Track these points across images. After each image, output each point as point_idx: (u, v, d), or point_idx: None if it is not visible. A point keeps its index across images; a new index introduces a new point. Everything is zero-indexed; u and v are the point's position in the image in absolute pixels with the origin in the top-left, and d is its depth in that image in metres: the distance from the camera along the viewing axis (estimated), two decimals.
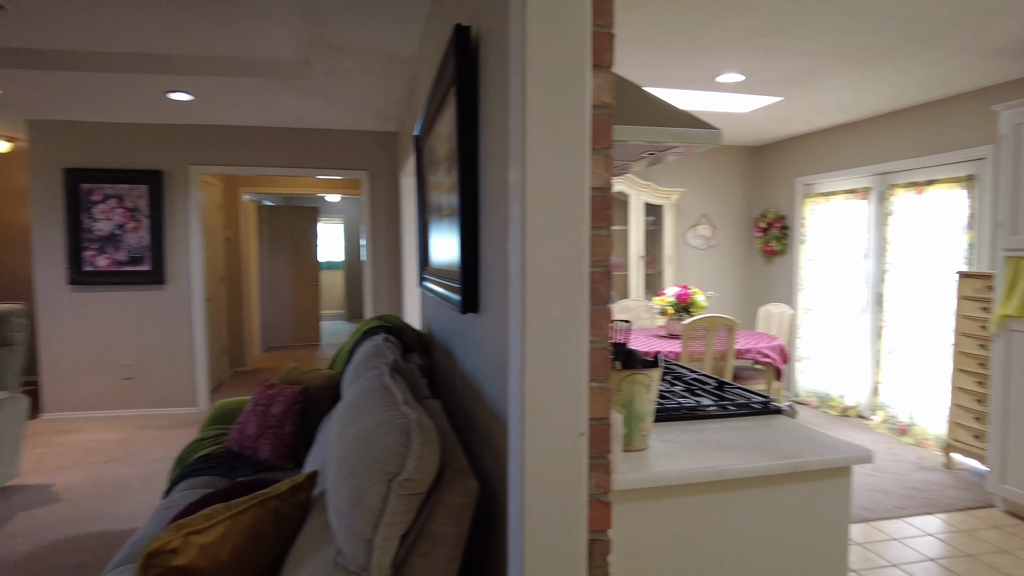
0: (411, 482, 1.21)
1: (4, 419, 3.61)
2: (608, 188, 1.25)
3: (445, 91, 1.94)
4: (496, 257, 1.44)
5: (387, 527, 1.20)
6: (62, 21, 3.46)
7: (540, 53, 1.15)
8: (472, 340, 1.80)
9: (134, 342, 5.52)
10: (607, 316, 1.26)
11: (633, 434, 1.54)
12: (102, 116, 5.22)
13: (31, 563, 2.89)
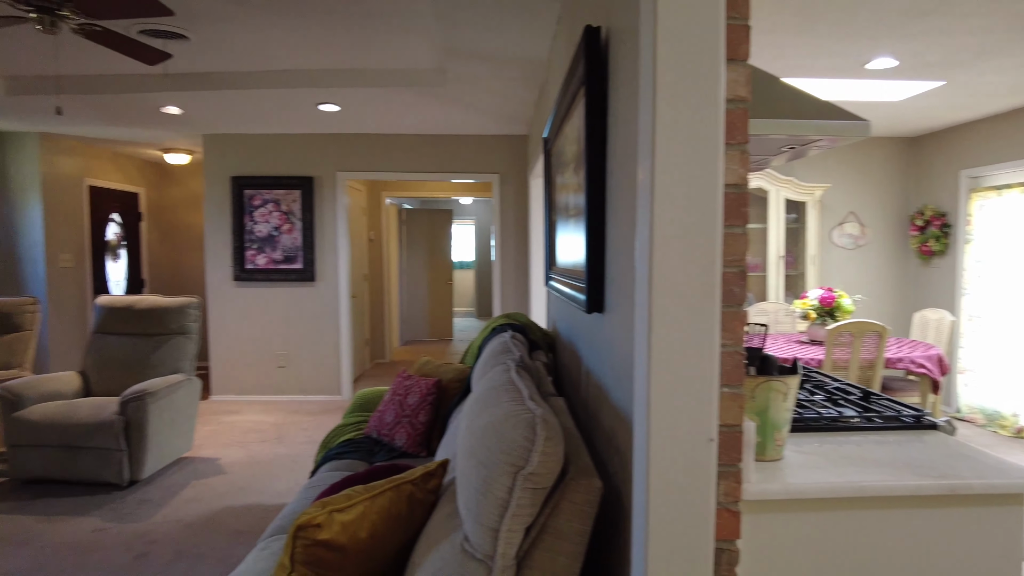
0: (536, 476, 1.24)
1: (182, 399, 4.09)
2: (743, 184, 1.21)
3: (575, 92, 1.96)
4: (622, 256, 1.43)
5: (512, 518, 1.23)
6: (231, 46, 3.86)
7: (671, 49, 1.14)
8: (597, 339, 1.80)
9: (287, 334, 6.04)
10: (741, 319, 1.21)
11: (767, 443, 1.47)
12: (262, 128, 5.76)
13: (201, 525, 3.25)
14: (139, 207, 7.39)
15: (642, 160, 1.20)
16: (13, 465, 3.74)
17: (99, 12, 2.76)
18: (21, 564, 2.87)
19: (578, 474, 1.33)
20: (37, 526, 3.25)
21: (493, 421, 1.38)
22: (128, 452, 3.69)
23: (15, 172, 5.93)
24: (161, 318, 4.31)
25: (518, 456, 1.24)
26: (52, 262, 6.03)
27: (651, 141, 1.15)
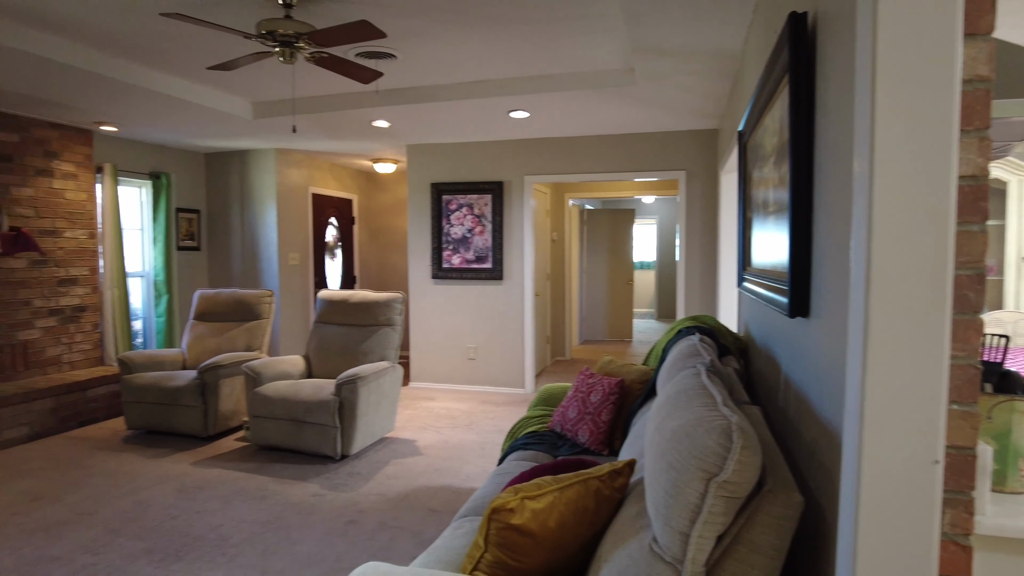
0: (730, 484, 1.19)
1: (387, 384, 4.51)
2: (984, 176, 1.06)
3: (776, 82, 1.85)
4: (831, 256, 1.33)
5: (704, 525, 1.20)
6: (432, 62, 4.17)
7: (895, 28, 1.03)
8: (800, 345, 1.69)
9: (477, 328, 6.39)
10: (977, 328, 1.07)
11: (1008, 472, 1.28)
12: (458, 138, 6.15)
13: (400, 501, 3.56)
14: (352, 212, 8.27)
15: (859, 150, 1.10)
16: (254, 432, 4.38)
17: (328, 41, 3.13)
18: (260, 515, 3.36)
19: (776, 486, 1.26)
20: (271, 485, 3.79)
21: (684, 425, 1.36)
22: (341, 429, 4.15)
23: (257, 184, 6.93)
24: (371, 311, 4.79)
25: (711, 462, 1.21)
26: (283, 260, 6.96)
27: (870, 129, 1.05)
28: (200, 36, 3.70)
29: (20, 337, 5.09)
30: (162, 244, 6.41)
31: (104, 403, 5.32)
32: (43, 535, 3.15)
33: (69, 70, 3.92)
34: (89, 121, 5.39)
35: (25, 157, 5.14)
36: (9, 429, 4.59)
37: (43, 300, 5.27)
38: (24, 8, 3.28)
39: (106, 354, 5.81)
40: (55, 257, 5.37)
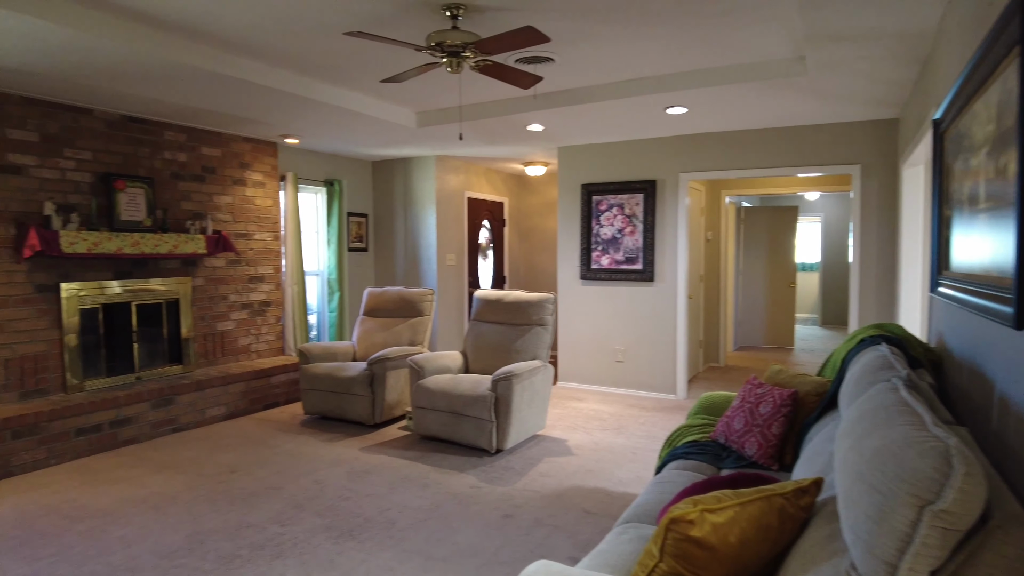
0: (949, 515, 1.07)
1: (539, 382, 4.58)
2: None
3: (995, 62, 1.63)
4: None
5: (915, 557, 1.09)
6: (589, 63, 4.17)
7: None
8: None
9: (626, 331, 6.30)
10: None
11: None
12: (610, 137, 6.10)
13: (554, 498, 3.60)
14: (503, 214, 8.49)
15: None
16: (416, 422, 4.64)
17: (493, 49, 3.23)
18: (423, 503, 3.55)
19: (1008, 522, 1.11)
20: (432, 475, 3.99)
21: (888, 444, 1.24)
22: (496, 424, 4.27)
23: (419, 189, 7.33)
24: (524, 310, 4.89)
25: (925, 488, 1.09)
26: (441, 261, 7.30)
27: None
28: (372, 52, 3.98)
29: (219, 328, 5.78)
30: (335, 245, 6.98)
31: (284, 389, 5.89)
32: (241, 503, 3.55)
33: (263, 90, 4.38)
34: (276, 135, 6.00)
35: (225, 169, 5.83)
36: (211, 408, 5.23)
37: (237, 295, 5.95)
38: (230, 37, 3.71)
39: (286, 345, 6.43)
40: (247, 257, 6.04)
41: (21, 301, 4.42)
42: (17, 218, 4.39)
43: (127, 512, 3.45)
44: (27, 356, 4.45)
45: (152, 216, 5.10)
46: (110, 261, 4.91)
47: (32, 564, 2.88)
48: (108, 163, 4.92)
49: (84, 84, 4.17)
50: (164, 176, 5.31)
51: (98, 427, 4.48)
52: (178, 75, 4.02)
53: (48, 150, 4.56)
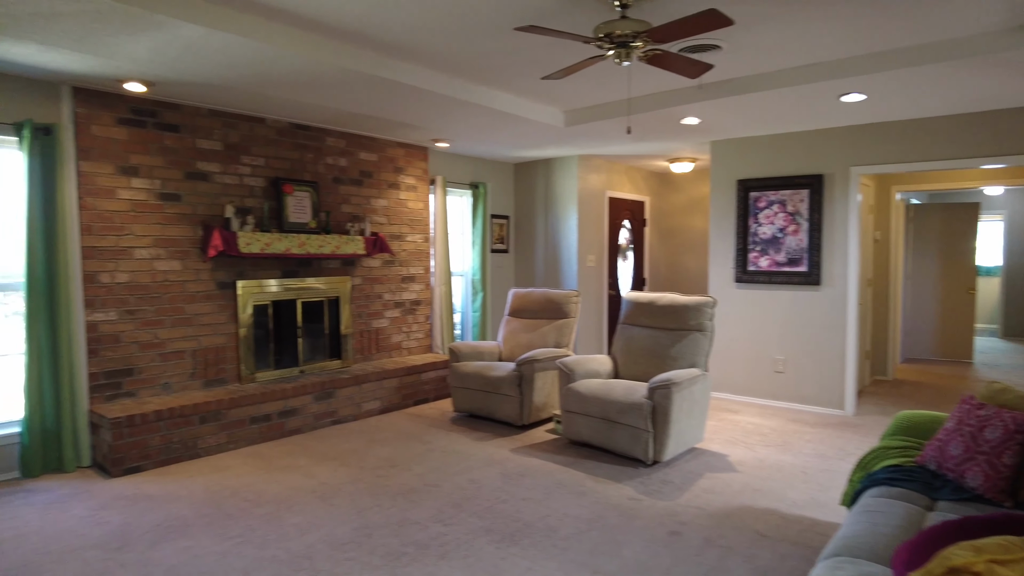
0: None
1: (698, 392, 4.32)
2: None
3: None
4: None
5: None
6: (758, 49, 3.86)
7: None
8: None
9: (786, 338, 5.84)
10: None
11: None
12: (771, 129, 5.68)
13: (722, 517, 3.34)
14: (644, 214, 8.22)
15: None
16: (565, 426, 4.54)
17: (668, 36, 3.05)
18: (581, 511, 3.43)
19: None
20: (588, 482, 3.86)
21: None
22: (653, 434, 4.07)
23: (560, 189, 7.25)
24: (680, 315, 4.64)
25: None
26: (581, 262, 7.18)
27: None
28: (528, 51, 3.93)
29: (374, 325, 6.01)
30: (479, 247, 7.07)
31: (433, 386, 6.02)
32: (402, 499, 3.61)
33: (422, 93, 4.47)
34: (428, 139, 6.15)
35: (380, 173, 6.05)
36: (367, 402, 5.44)
37: (391, 294, 6.16)
38: (394, 42, 3.80)
39: (434, 343, 6.58)
40: (400, 258, 6.24)
41: (205, 297, 4.81)
42: (204, 220, 4.78)
43: (299, 500, 3.61)
44: (210, 348, 4.84)
45: (316, 218, 5.39)
46: (279, 261, 5.24)
47: (223, 543, 3.07)
48: (278, 168, 5.25)
49: (260, 94, 4.46)
50: (327, 180, 5.60)
51: (268, 416, 4.78)
52: (344, 81, 4.18)
53: (229, 158, 4.94)
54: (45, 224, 4.03)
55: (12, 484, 3.92)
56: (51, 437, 4.09)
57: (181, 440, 4.29)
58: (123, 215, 4.39)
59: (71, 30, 3.24)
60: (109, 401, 4.34)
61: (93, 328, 4.27)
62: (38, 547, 3.06)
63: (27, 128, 3.92)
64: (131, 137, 4.42)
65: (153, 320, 4.54)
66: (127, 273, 4.41)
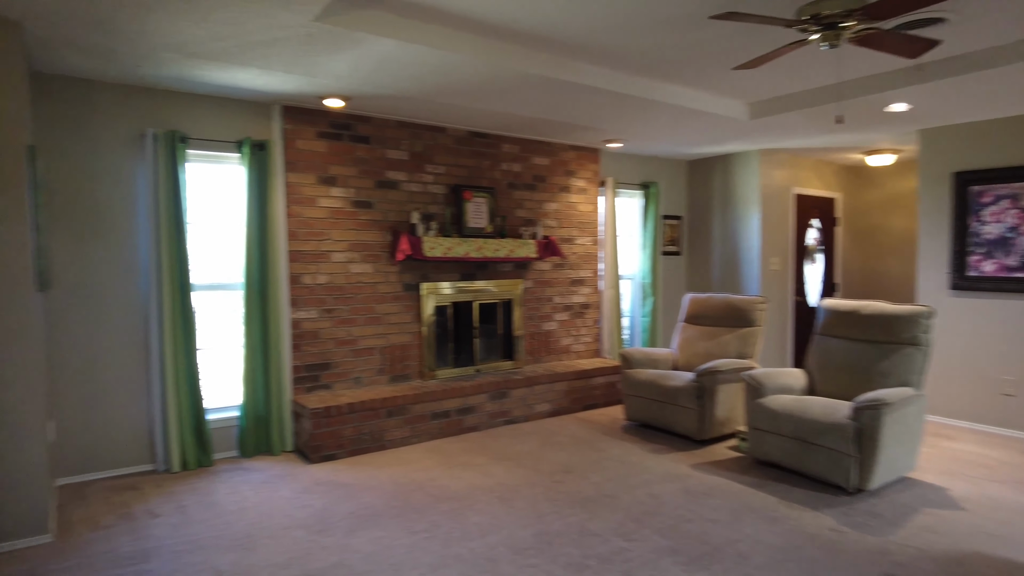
0: None
1: (911, 415, 3.80)
2: None
3: None
4: None
5: None
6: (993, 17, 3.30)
7: None
8: None
9: (1017, 356, 4.98)
10: None
11: None
12: (999, 112, 4.87)
13: (952, 564, 2.87)
14: (834, 212, 7.48)
15: None
16: (752, 444, 4.21)
17: (887, 13, 2.69)
18: (775, 539, 3.13)
19: None
20: (780, 507, 3.53)
21: None
22: (858, 459, 3.63)
23: (739, 187, 6.81)
24: (890, 326, 4.11)
25: None
26: (764, 265, 6.68)
27: None
28: (712, 42, 3.67)
29: (544, 328, 6.03)
30: (649, 249, 6.84)
31: (603, 391, 5.90)
32: (580, 508, 3.54)
33: (599, 93, 4.38)
34: (599, 141, 6.06)
35: (552, 177, 6.06)
36: (539, 404, 5.46)
37: (560, 297, 6.15)
38: (573, 42, 3.74)
39: (602, 347, 6.47)
40: (569, 261, 6.21)
41: (393, 298, 5.10)
42: (393, 226, 5.08)
43: (479, 499, 3.67)
44: (396, 345, 5.12)
45: (492, 223, 5.51)
46: (458, 264, 5.43)
47: (411, 536, 3.20)
48: (458, 175, 5.44)
49: (442, 104, 4.63)
50: (502, 186, 5.71)
51: (447, 413, 4.95)
52: (522, 85, 4.21)
53: (414, 166, 5.20)
54: (260, 231, 4.48)
55: (232, 461, 4.40)
56: (262, 422, 4.55)
57: (370, 432, 4.58)
58: (323, 221, 4.78)
59: (284, 54, 3.56)
60: (309, 392, 4.74)
61: (297, 325, 4.68)
62: (255, 522, 3.39)
63: (246, 145, 4.39)
64: (330, 149, 4.80)
65: (347, 319, 4.90)
66: (326, 275, 4.79)
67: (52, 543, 3.16)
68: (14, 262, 3.08)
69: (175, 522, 3.39)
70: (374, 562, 2.94)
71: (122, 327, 4.12)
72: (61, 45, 3.38)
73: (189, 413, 4.24)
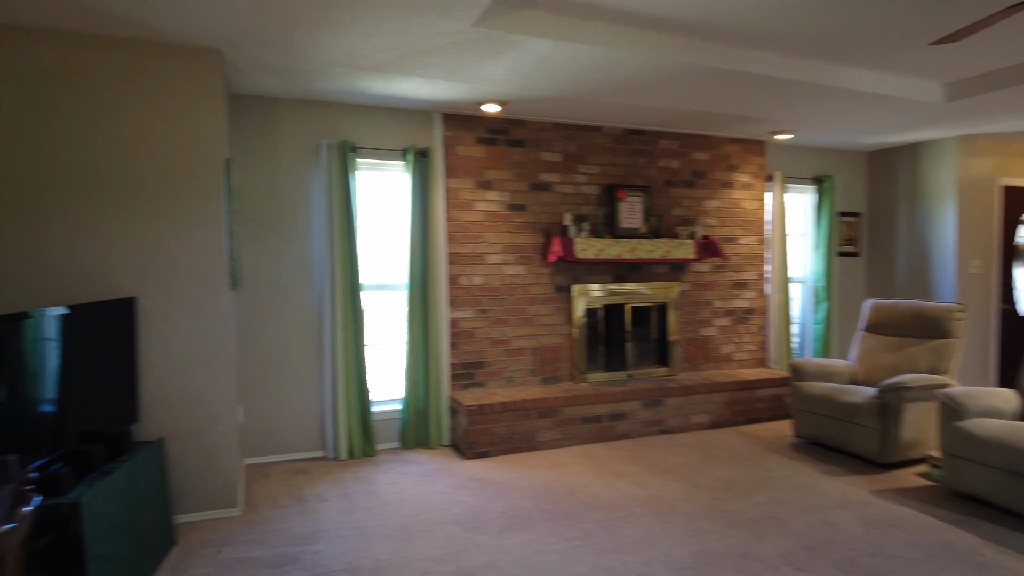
0: None
1: None
2: None
3: None
4: None
5: None
6: None
7: None
8: None
9: None
10: None
11: None
12: None
13: None
14: None
15: None
16: (947, 474, 3.67)
17: None
18: None
19: None
20: (986, 551, 3.03)
21: None
22: None
23: (930, 179, 6.02)
24: None
25: None
26: (961, 268, 5.85)
27: None
28: (898, 18, 3.23)
29: (702, 333, 5.72)
30: (823, 249, 6.26)
31: (768, 404, 5.48)
32: (743, 529, 3.28)
33: (769, 82, 4.05)
34: (765, 132, 5.63)
35: (713, 173, 5.74)
36: (695, 414, 5.19)
37: (720, 301, 5.80)
38: (740, 30, 3.47)
39: (768, 357, 6.01)
40: (731, 262, 5.84)
41: (544, 299, 5.10)
42: (545, 228, 5.07)
43: (633, 511, 3.54)
44: (547, 347, 5.11)
45: (647, 223, 5.32)
46: (610, 266, 5.31)
47: (563, 543, 3.14)
48: (612, 175, 5.31)
49: (598, 102, 4.53)
50: (658, 184, 5.50)
51: (599, 418, 4.85)
52: (684, 77, 4.00)
53: (567, 167, 5.15)
54: (422, 234, 4.67)
55: (393, 452, 4.63)
56: (421, 416, 4.74)
57: (522, 432, 4.60)
58: (479, 225, 4.88)
59: (444, 61, 3.67)
60: (464, 389, 4.86)
61: (454, 324, 4.82)
62: (412, 514, 3.51)
63: (410, 153, 4.59)
64: (487, 154, 4.89)
65: (501, 319, 4.97)
66: (481, 276, 4.90)
67: (240, 516, 3.50)
68: (213, 263, 3.44)
69: (341, 507, 3.61)
70: (525, 566, 2.92)
71: (299, 323, 4.49)
72: (250, 67, 3.74)
73: (356, 405, 4.51)
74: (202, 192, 3.40)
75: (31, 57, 3.09)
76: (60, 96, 3.14)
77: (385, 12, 2.99)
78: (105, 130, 3.22)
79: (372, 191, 4.80)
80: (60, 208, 3.15)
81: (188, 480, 3.44)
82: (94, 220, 3.21)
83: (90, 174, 3.20)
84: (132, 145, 3.27)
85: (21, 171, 3.08)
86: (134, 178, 3.28)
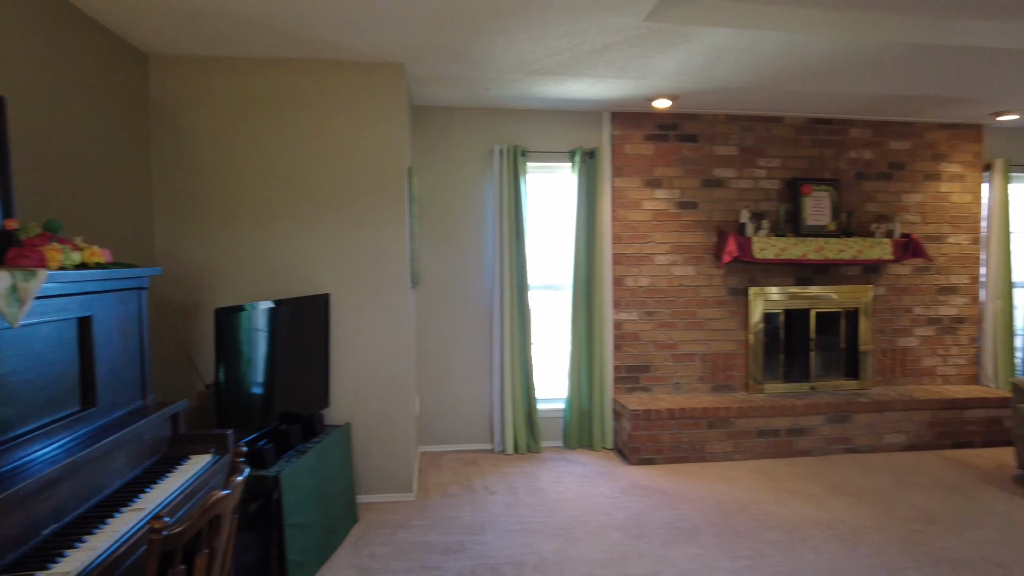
0: None
1: None
2: None
3: None
4: None
5: None
6: None
7: None
8: None
9: None
10: None
11: None
12: None
13: None
14: None
15: None
16: None
17: None
18: None
19: None
20: None
21: None
22: None
23: None
24: None
25: None
26: None
27: None
28: None
29: (900, 344, 5.11)
30: None
31: (981, 427, 4.75)
32: (951, 570, 2.87)
33: (988, 54, 3.50)
34: (984, 114, 4.89)
35: (914, 163, 5.09)
36: (889, 434, 4.64)
37: (922, 308, 5.14)
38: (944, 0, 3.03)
39: (982, 372, 5.22)
40: (937, 264, 5.15)
41: (716, 302, 4.85)
42: (718, 227, 4.83)
43: (812, 534, 3.24)
44: (719, 353, 4.86)
45: (836, 220, 4.85)
46: (792, 267, 4.91)
47: (732, 561, 2.97)
48: (794, 168, 4.92)
49: (781, 91, 4.21)
50: (848, 177, 4.99)
51: (776, 432, 4.51)
52: (881, 59, 3.59)
53: (744, 161, 4.86)
54: (587, 235, 4.66)
55: (557, 451, 4.67)
56: (584, 417, 4.73)
57: (690, 441, 4.41)
58: (646, 224, 4.76)
59: (615, 59, 3.61)
60: (628, 393, 4.78)
61: (618, 326, 4.76)
62: (575, 515, 3.52)
63: (577, 154, 4.60)
64: (656, 152, 4.76)
65: (668, 322, 4.81)
66: (648, 278, 4.77)
67: (414, 501, 3.73)
68: (396, 263, 3.70)
69: (508, 501, 3.71)
70: None
71: (471, 320, 4.68)
72: (430, 79, 3.96)
73: (522, 402, 4.62)
74: (388, 198, 3.67)
75: (245, 84, 3.53)
76: (271, 117, 3.55)
77: (556, 14, 3.01)
78: (308, 145, 3.59)
79: (540, 193, 4.88)
80: (275, 214, 3.57)
81: (369, 463, 3.73)
82: (299, 224, 3.60)
83: (296, 184, 3.59)
84: (329, 157, 3.62)
85: (246, 184, 3.54)
86: (331, 187, 3.62)
